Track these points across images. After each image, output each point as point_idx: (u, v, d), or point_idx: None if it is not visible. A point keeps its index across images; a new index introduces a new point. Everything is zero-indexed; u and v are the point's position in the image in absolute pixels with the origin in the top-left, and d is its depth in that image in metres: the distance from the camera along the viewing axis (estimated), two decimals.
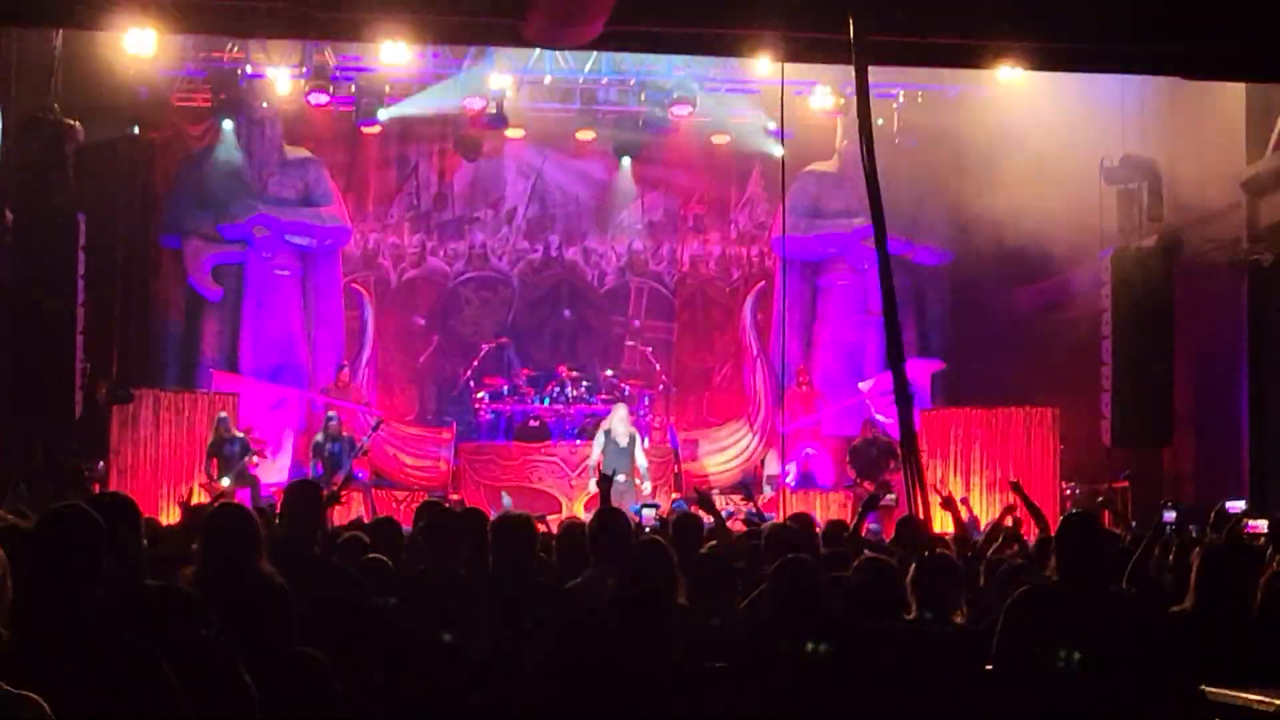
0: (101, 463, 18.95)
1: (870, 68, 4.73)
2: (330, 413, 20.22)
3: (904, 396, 4.44)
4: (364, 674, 6.37)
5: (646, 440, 20.40)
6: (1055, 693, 6.21)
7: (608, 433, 19.37)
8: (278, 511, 8.12)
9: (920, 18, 5.77)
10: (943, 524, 11.53)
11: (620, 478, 18.73)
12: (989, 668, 6.44)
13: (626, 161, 23.80)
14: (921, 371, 21.98)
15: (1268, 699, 5.87)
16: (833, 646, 6.19)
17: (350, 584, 7.16)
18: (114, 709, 4.42)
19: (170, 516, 16.46)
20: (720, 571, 7.50)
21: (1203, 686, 6.21)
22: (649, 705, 6.09)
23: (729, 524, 14.68)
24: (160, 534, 8.96)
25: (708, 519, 10.02)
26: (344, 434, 19.79)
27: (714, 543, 9.26)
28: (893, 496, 17.34)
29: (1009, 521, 10.93)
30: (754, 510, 15.84)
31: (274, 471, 20.52)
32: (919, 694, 6.26)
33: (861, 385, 22.28)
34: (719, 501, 20.40)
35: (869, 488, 18.49)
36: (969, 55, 6.30)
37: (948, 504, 10.54)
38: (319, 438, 19.76)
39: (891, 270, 4.74)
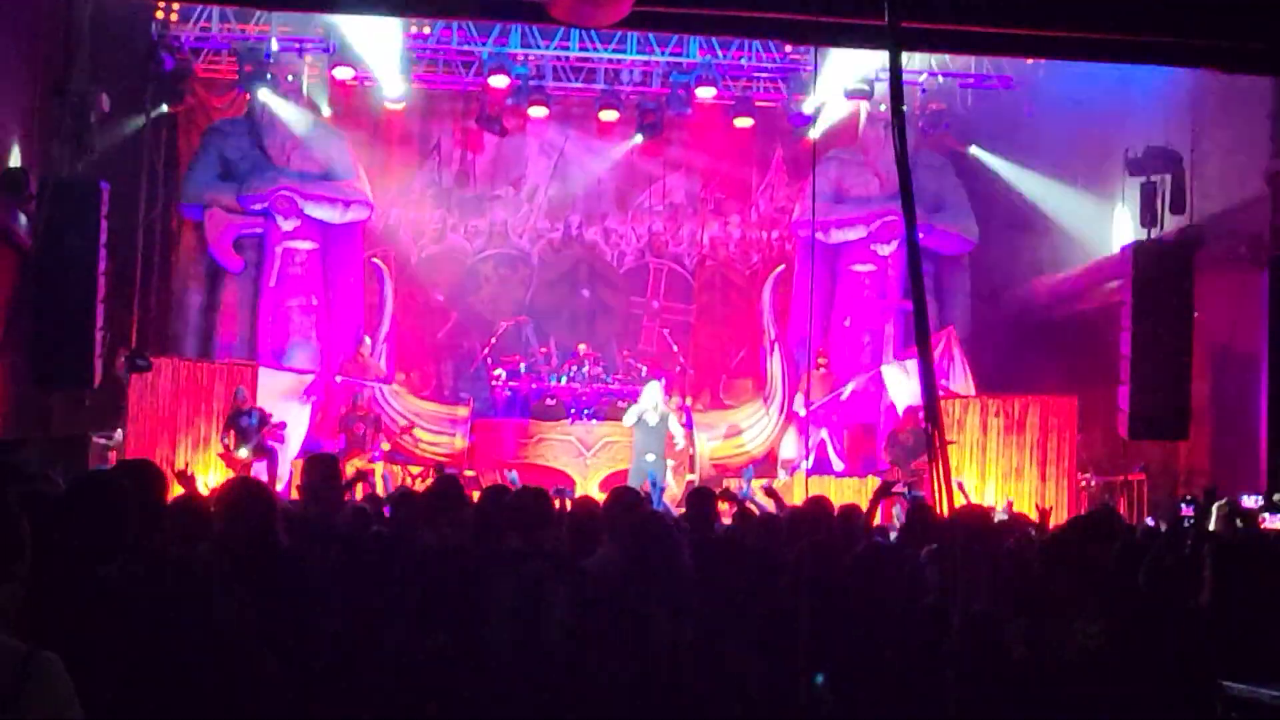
0: (119, 431, 18.99)
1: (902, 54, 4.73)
2: (358, 392, 20.37)
3: (930, 385, 4.43)
4: (383, 646, 6.41)
5: (680, 419, 20.28)
6: (1073, 684, 6.21)
7: (641, 414, 19.31)
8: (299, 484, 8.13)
9: (955, 5, 5.76)
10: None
11: (650, 456, 18.76)
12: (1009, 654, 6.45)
13: (640, 139, 23.72)
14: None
15: None
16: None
17: (368, 561, 7.19)
18: (134, 674, 4.45)
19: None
20: (734, 551, 7.52)
21: (1221, 682, 6.21)
22: (660, 680, 6.12)
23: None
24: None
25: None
26: (372, 413, 19.93)
27: (730, 523, 9.30)
28: (904, 487, 17.25)
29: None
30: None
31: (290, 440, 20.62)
32: (939, 678, 6.26)
33: (884, 369, 22.14)
34: (730, 484, 20.49)
35: (900, 476, 18.34)
36: (1002, 44, 6.29)
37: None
38: (344, 411, 20.02)
39: (920, 255, 4.75)
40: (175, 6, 20.74)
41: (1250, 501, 16.16)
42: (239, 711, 5.04)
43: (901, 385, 21.31)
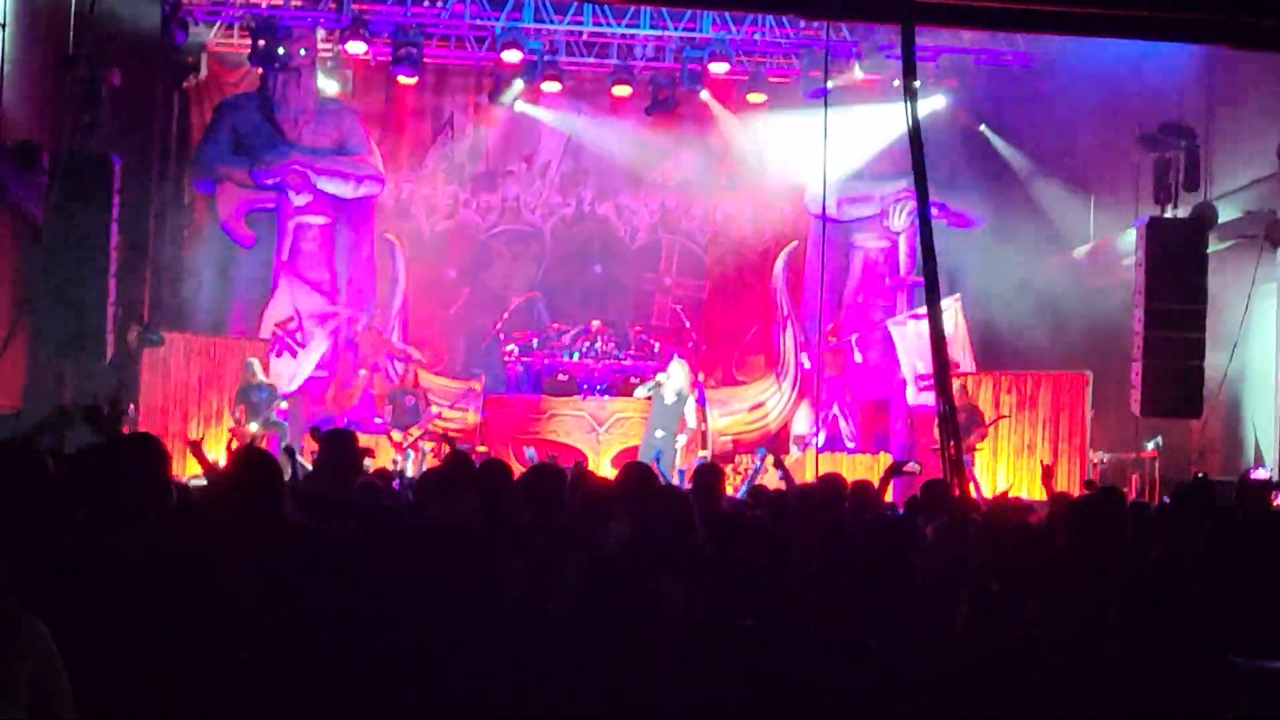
0: (131, 405, 19.03)
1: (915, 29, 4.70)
2: (405, 365, 20.47)
3: (941, 361, 4.44)
4: (393, 622, 6.41)
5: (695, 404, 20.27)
6: (1084, 659, 6.22)
7: (658, 385, 19.34)
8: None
9: None
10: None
11: (660, 433, 18.78)
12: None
13: (660, 117, 23.67)
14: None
15: None
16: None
17: (379, 537, 7.19)
18: (137, 645, 4.46)
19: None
20: (744, 525, 7.52)
21: (1231, 657, 6.21)
22: (671, 655, 6.12)
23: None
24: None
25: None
26: (418, 388, 20.05)
27: (740, 499, 9.30)
28: (915, 466, 17.19)
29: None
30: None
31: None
32: (949, 653, 6.27)
33: (890, 323, 22.08)
34: (742, 460, 20.51)
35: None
36: (1016, 20, 6.26)
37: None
38: (395, 389, 20.18)
39: (932, 231, 4.73)
40: None
41: (1260, 474, 16.19)
42: (243, 684, 5.05)
43: (909, 341, 21.27)
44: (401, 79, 22.65)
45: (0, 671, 3.39)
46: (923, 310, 21.10)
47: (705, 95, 23.30)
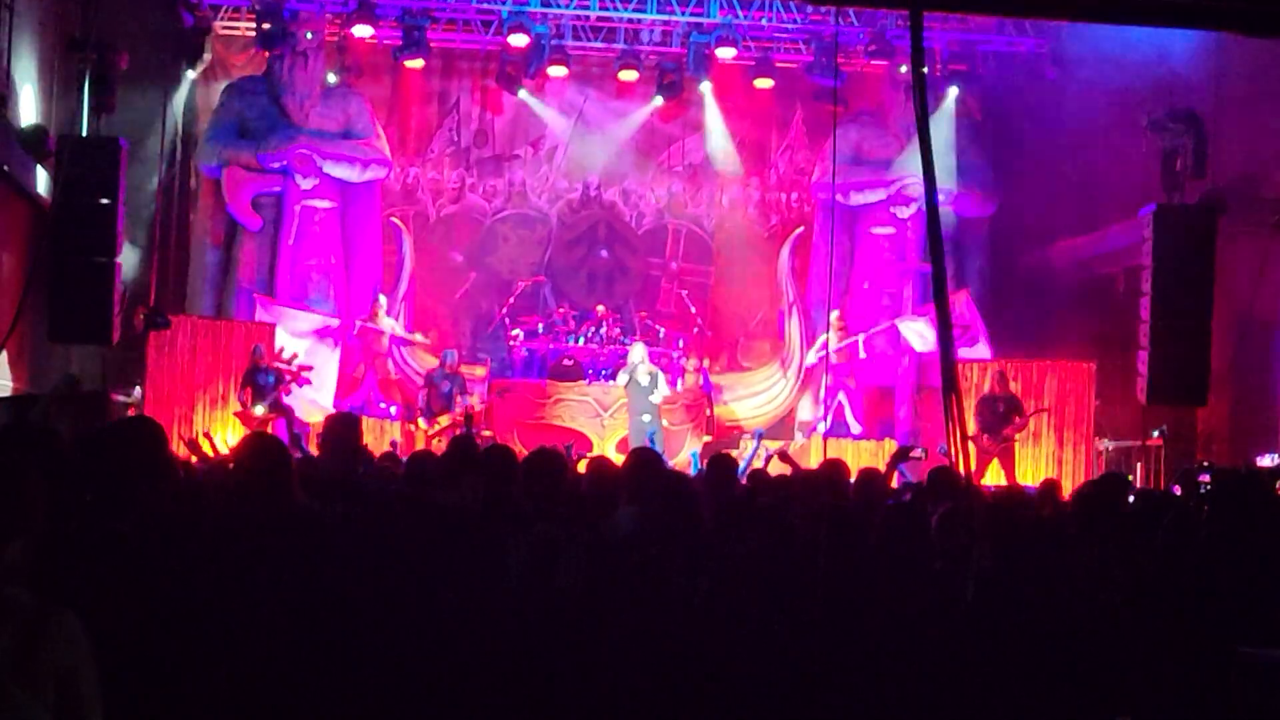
0: (138, 388, 19.06)
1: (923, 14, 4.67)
2: (448, 350, 20.38)
3: (948, 348, 4.42)
4: (396, 607, 6.41)
5: (666, 377, 20.27)
6: (1092, 647, 6.21)
7: (632, 371, 19.35)
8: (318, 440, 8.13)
9: None
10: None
11: (645, 417, 18.77)
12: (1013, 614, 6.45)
13: (660, 100, 23.62)
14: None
15: None
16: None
17: (385, 520, 7.19)
18: (148, 628, 4.46)
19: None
20: (750, 510, 7.52)
21: (1236, 647, 6.20)
22: (677, 637, 6.12)
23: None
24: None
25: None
26: (458, 374, 19.99)
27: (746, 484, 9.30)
28: (921, 451, 17.10)
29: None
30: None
31: (319, 398, 20.75)
32: (942, 639, 6.26)
33: (901, 325, 22.02)
34: (747, 447, 20.50)
35: (988, 443, 18.26)
36: (1022, 5, 6.22)
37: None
38: (435, 372, 20.04)
39: (940, 219, 4.72)
40: None
41: (1267, 461, 16.18)
42: (252, 666, 5.06)
43: (920, 339, 21.27)
44: (408, 63, 22.63)
45: (26, 667, 3.36)
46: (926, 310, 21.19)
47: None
